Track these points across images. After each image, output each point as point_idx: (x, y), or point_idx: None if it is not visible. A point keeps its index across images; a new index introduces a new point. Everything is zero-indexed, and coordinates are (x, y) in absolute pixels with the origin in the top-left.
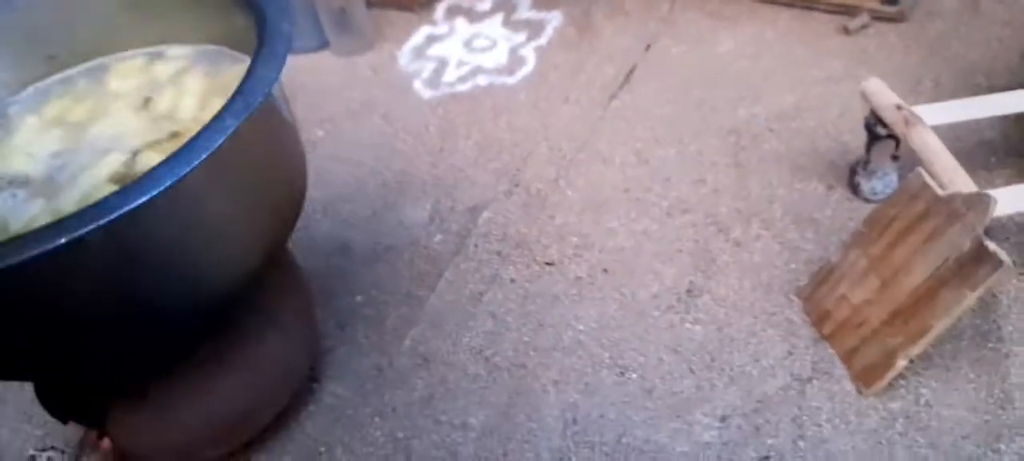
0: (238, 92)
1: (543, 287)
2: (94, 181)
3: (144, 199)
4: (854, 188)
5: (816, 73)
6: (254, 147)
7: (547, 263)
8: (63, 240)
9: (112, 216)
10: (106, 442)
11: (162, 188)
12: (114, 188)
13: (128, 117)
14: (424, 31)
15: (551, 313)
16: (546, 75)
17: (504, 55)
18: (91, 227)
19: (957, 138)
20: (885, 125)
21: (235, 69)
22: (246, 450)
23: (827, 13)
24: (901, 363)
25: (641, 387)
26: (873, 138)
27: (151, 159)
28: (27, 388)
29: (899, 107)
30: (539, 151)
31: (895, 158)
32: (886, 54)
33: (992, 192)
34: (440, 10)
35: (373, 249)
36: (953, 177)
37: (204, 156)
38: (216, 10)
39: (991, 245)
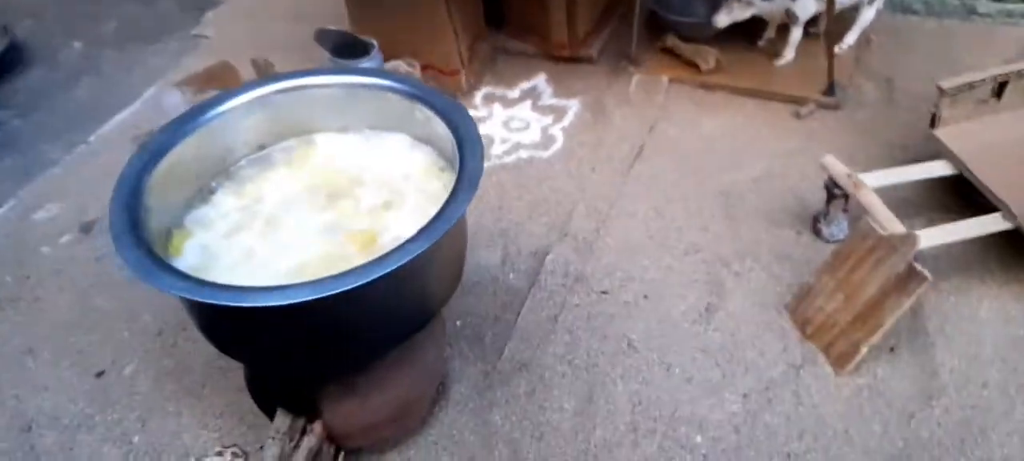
0: (459, 189)
1: (602, 309)
2: None
3: (410, 257)
4: (817, 232)
5: (778, 147)
6: (458, 229)
7: (602, 292)
8: (365, 281)
9: (394, 266)
10: (318, 425)
11: (422, 249)
12: None
13: None
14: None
15: (610, 328)
16: (573, 150)
17: (537, 134)
18: (380, 274)
19: (886, 195)
20: (839, 187)
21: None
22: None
23: (783, 102)
24: (864, 350)
25: (683, 377)
26: (830, 196)
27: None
28: (202, 401)
29: (849, 175)
30: (578, 209)
31: (845, 210)
32: (828, 133)
33: (916, 232)
34: (478, 98)
35: (462, 285)
36: (889, 223)
37: (444, 230)
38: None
39: (918, 266)
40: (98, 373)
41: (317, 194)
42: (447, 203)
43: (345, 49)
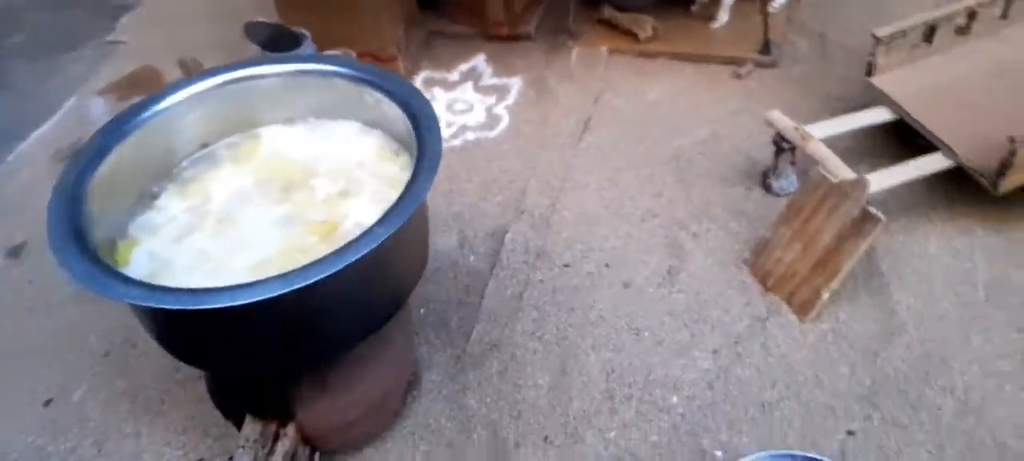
0: (421, 169)
1: (565, 282)
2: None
3: (380, 241)
4: (767, 188)
5: (721, 109)
6: (421, 211)
7: (564, 265)
8: (336, 269)
9: (364, 251)
10: (291, 428)
11: (390, 232)
12: None
13: None
14: None
15: (576, 300)
16: (520, 128)
17: (482, 115)
18: (351, 260)
19: (830, 145)
20: (787, 141)
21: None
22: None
23: (721, 64)
24: (825, 296)
25: (653, 340)
26: (779, 150)
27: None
28: (162, 418)
29: (796, 128)
30: (531, 186)
31: (793, 163)
32: (767, 91)
33: (866, 176)
34: (418, 82)
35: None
36: (840, 170)
37: (410, 211)
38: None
39: (872, 209)
40: (45, 402)
41: (269, 187)
42: (410, 184)
43: (276, 43)
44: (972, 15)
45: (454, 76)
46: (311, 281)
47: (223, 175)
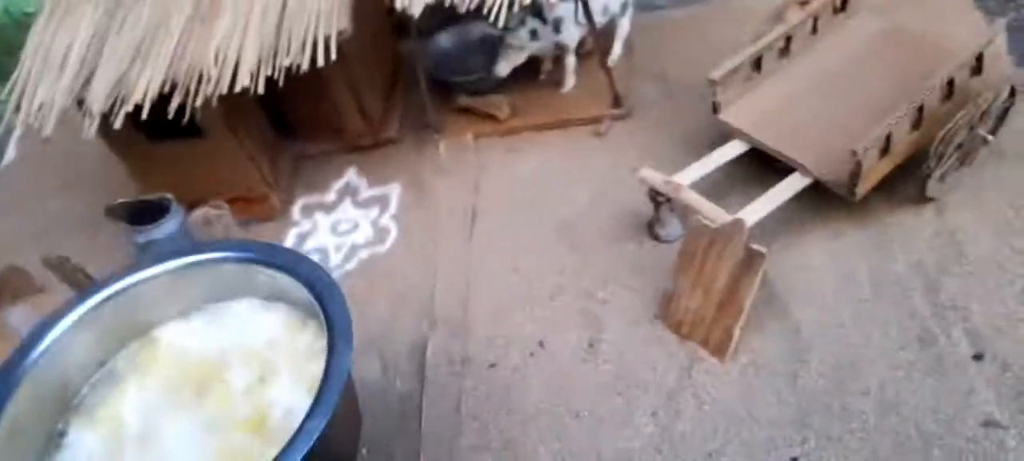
0: (336, 343)
1: (496, 383)
2: None
3: (325, 423)
4: (656, 237)
5: (593, 169)
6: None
7: (490, 365)
8: None
9: (315, 437)
10: None
11: (329, 415)
12: None
13: None
14: (293, 233)
15: (511, 399)
16: (411, 235)
17: (370, 230)
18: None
19: (700, 186)
20: (661, 194)
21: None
22: None
23: (581, 125)
24: (737, 333)
25: (594, 419)
26: (657, 203)
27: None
28: None
29: (666, 181)
30: (438, 290)
31: (672, 210)
32: (630, 141)
33: (740, 216)
34: (296, 212)
35: None
36: (716, 215)
37: (338, 390)
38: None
39: (754, 246)
40: None
41: (181, 394)
42: (330, 361)
43: (141, 215)
44: (788, 38)
45: (331, 196)
46: None
47: (129, 392)
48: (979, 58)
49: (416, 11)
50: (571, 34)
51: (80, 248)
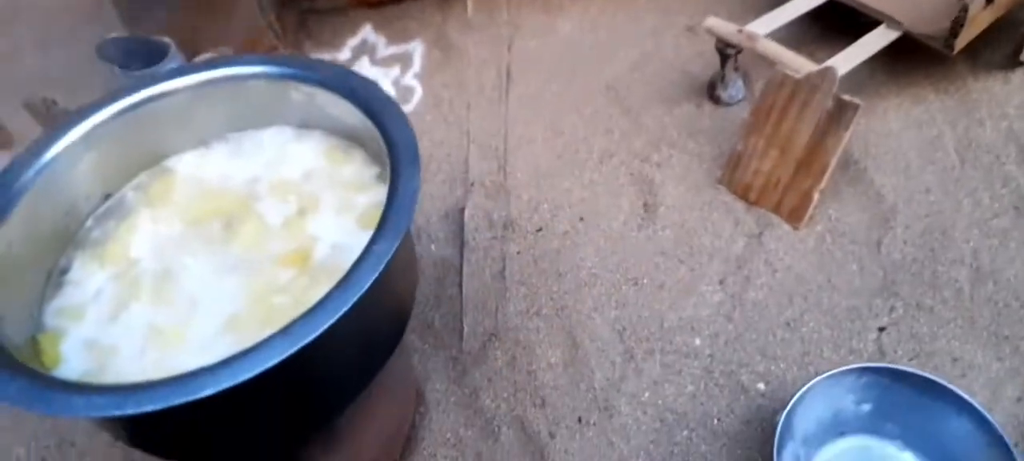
0: (400, 164)
1: (544, 248)
2: None
3: (388, 257)
4: (716, 100)
5: (641, 29)
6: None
7: (537, 230)
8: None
9: (374, 278)
10: None
11: (395, 245)
12: None
13: None
14: None
15: (562, 263)
16: (438, 95)
17: (391, 90)
18: (363, 291)
19: (776, 40)
20: (732, 46)
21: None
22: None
23: None
24: (816, 197)
25: (654, 286)
26: (724, 58)
27: None
28: None
29: (739, 30)
30: (472, 154)
31: (737, 69)
32: (681, 1)
33: (830, 64)
34: None
35: None
36: (800, 64)
37: (408, 217)
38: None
39: (847, 97)
40: None
41: (205, 228)
42: (396, 182)
43: (136, 59)
44: None
45: (346, 54)
46: (325, 327)
47: (143, 226)
48: None
49: None
50: None
51: (73, 100)
